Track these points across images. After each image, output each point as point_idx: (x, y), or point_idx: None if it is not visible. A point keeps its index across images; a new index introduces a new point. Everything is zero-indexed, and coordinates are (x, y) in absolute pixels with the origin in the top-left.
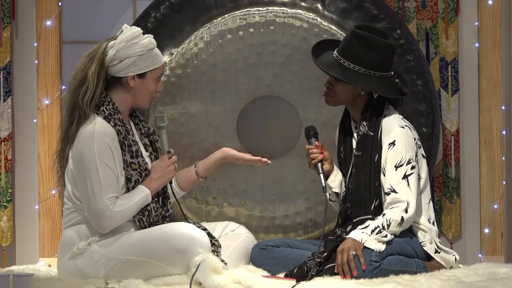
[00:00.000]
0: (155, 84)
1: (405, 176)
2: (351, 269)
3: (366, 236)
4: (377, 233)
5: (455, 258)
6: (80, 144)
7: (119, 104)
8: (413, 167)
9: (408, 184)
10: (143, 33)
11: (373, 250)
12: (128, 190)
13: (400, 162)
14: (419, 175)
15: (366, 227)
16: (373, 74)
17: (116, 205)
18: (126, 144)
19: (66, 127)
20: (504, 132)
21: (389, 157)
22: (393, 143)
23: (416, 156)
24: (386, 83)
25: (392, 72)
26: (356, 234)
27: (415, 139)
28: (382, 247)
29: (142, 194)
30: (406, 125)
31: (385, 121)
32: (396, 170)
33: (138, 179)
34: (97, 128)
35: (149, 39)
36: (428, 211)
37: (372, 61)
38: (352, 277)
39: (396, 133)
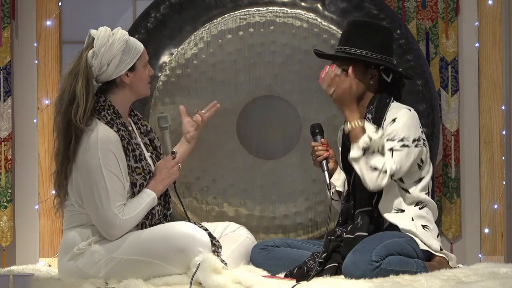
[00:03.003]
0: (146, 70)
1: (391, 150)
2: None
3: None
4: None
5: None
6: (84, 154)
7: (120, 105)
8: (404, 146)
9: (392, 156)
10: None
11: (374, 249)
12: (133, 194)
13: (392, 137)
14: (421, 161)
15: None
16: (380, 57)
17: (124, 213)
18: (130, 149)
19: (63, 149)
20: (504, 132)
21: (386, 131)
22: (394, 120)
23: (419, 140)
24: (393, 67)
25: (395, 61)
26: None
27: (420, 126)
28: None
29: (149, 198)
30: (413, 109)
31: (389, 114)
32: (386, 142)
33: (142, 183)
34: (100, 136)
35: (120, 32)
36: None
37: (377, 44)
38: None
39: (401, 113)
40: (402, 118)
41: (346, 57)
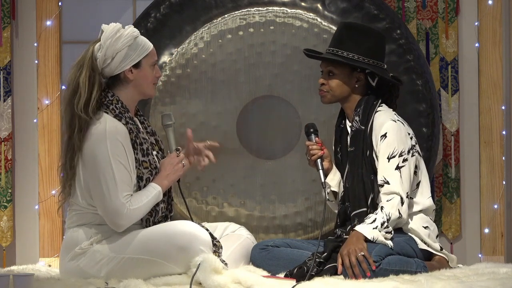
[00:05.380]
0: (152, 71)
1: (398, 168)
2: (364, 270)
3: (377, 232)
4: (384, 228)
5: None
6: (92, 144)
7: (126, 101)
8: (405, 160)
9: (401, 176)
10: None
11: (373, 249)
12: (139, 188)
13: (392, 154)
14: (416, 167)
15: (373, 221)
16: (367, 61)
17: (132, 203)
18: (138, 142)
19: (68, 138)
20: (504, 132)
21: (381, 149)
22: (384, 135)
23: (413, 149)
24: (381, 72)
25: (386, 66)
26: (366, 231)
27: (409, 134)
28: (391, 242)
29: (155, 191)
30: (398, 120)
31: (377, 116)
32: (388, 161)
33: (149, 177)
34: (109, 127)
35: (131, 29)
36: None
37: (367, 48)
38: (364, 277)
39: (388, 126)
40: (391, 132)
41: (331, 59)
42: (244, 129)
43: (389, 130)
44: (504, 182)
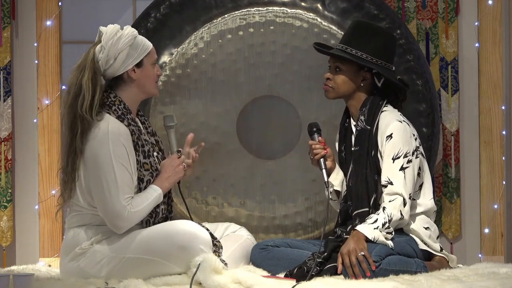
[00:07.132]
0: (154, 69)
1: (402, 169)
2: (364, 270)
3: (378, 232)
4: (385, 229)
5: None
6: (94, 145)
7: (129, 102)
8: (409, 161)
9: (405, 177)
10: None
11: (373, 249)
12: (140, 190)
13: (397, 155)
14: (419, 168)
15: (374, 222)
16: (375, 61)
17: (132, 206)
18: (139, 144)
19: (70, 140)
20: (504, 132)
21: (386, 150)
22: (390, 136)
23: (417, 150)
24: (388, 73)
25: (394, 68)
26: (367, 231)
27: (414, 135)
28: (391, 243)
29: (155, 193)
30: (404, 121)
31: (382, 116)
32: (393, 162)
33: (150, 179)
34: (111, 128)
35: (129, 28)
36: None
37: (376, 48)
38: (364, 277)
39: (394, 127)
40: (397, 133)
41: (338, 55)
42: (244, 129)
43: (395, 131)
44: (504, 182)
